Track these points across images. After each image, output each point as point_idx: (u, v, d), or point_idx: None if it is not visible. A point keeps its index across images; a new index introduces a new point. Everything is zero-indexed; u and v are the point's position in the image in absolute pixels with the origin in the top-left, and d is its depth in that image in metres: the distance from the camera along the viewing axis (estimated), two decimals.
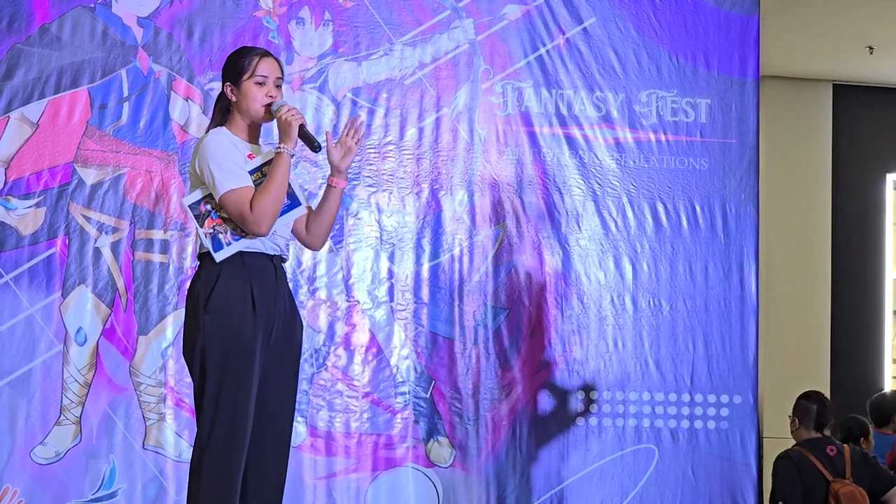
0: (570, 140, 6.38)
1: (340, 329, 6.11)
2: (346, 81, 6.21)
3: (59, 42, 5.97)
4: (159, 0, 6.07)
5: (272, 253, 4.19)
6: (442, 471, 6.13)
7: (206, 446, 4.05)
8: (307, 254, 6.06)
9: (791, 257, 9.49)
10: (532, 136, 6.35)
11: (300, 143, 4.17)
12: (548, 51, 6.39)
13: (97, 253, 5.92)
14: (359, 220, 6.17)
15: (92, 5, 6.00)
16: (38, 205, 5.91)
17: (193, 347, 4.09)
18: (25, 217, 5.89)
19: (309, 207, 4.38)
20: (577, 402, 6.28)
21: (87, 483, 5.83)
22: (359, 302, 6.13)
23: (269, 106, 4.18)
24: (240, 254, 4.11)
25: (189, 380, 5.84)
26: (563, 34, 6.40)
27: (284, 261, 4.27)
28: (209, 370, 4.06)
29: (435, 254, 6.22)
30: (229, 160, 4.10)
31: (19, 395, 5.82)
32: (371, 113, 6.22)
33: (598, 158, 6.39)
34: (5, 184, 5.88)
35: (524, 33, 6.37)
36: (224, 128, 4.21)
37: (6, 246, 5.86)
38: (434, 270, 6.21)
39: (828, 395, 9.21)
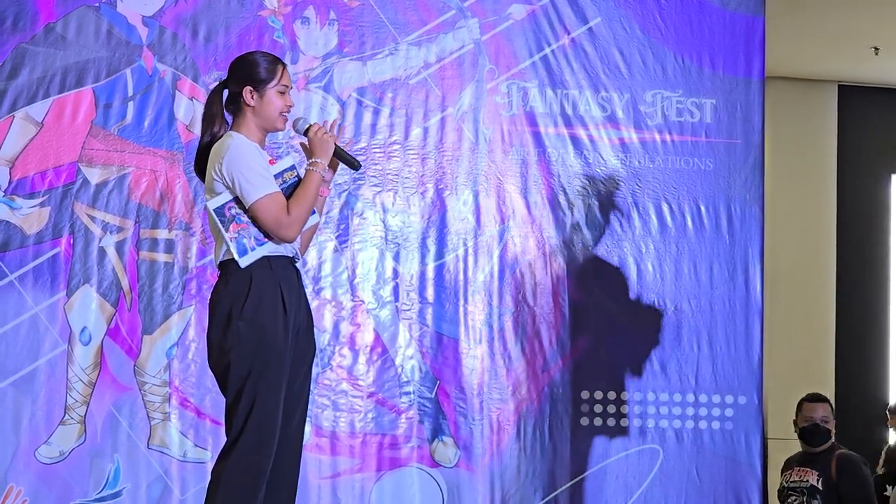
0: (575, 140, 6.38)
1: (345, 329, 6.11)
2: (351, 81, 6.20)
3: (64, 41, 5.96)
4: None
5: (291, 255, 4.21)
6: (447, 471, 6.13)
7: (234, 451, 4.03)
8: (312, 253, 6.06)
9: (796, 258, 9.49)
10: (537, 136, 6.35)
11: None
12: (553, 51, 6.38)
13: (102, 252, 5.92)
14: (364, 220, 6.16)
15: (97, 4, 6.00)
16: (42, 204, 5.90)
17: (227, 355, 4.07)
18: (30, 216, 5.89)
19: None
20: (581, 403, 6.27)
21: (91, 483, 5.83)
22: (364, 302, 6.13)
23: (283, 115, 4.21)
24: (266, 258, 4.12)
25: (194, 379, 5.88)
26: (569, 34, 6.40)
27: (297, 262, 4.28)
28: (248, 376, 4.04)
29: (440, 254, 6.22)
30: (260, 166, 4.12)
31: (24, 395, 5.82)
32: (376, 112, 6.22)
33: (602, 158, 6.39)
34: (10, 183, 5.88)
35: (529, 33, 6.37)
36: (239, 133, 4.20)
37: (11, 245, 5.86)
38: (439, 270, 6.21)
39: (832, 394, 9.24)
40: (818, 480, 6.33)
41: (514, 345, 6.23)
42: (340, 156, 4.27)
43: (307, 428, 5.92)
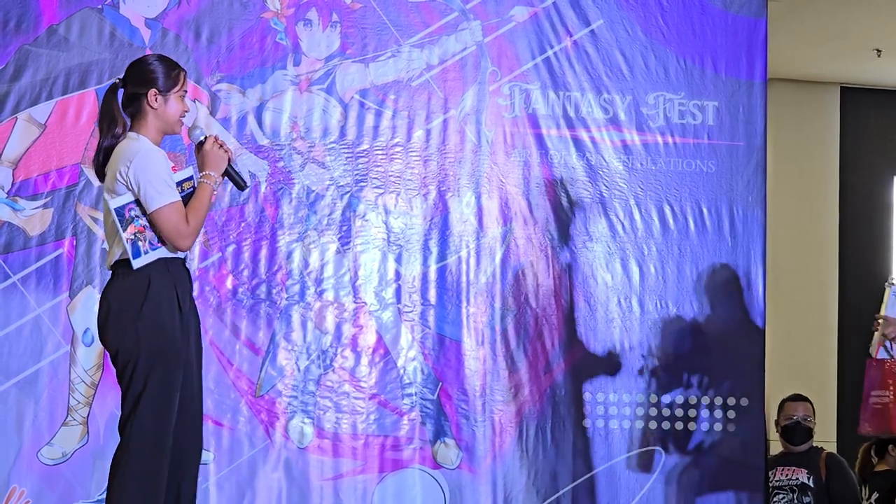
0: (578, 142, 6.38)
1: (347, 330, 6.11)
2: (353, 83, 6.21)
3: (67, 43, 5.97)
4: (167, 1, 6.07)
5: (182, 256, 4.30)
6: (448, 472, 6.13)
7: (130, 456, 4.11)
8: (314, 255, 6.07)
9: (798, 260, 9.49)
10: (539, 138, 6.35)
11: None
12: (555, 53, 6.39)
13: (104, 254, 5.92)
14: (366, 222, 6.17)
15: (100, 6, 6.01)
16: (45, 206, 5.91)
17: (126, 355, 4.16)
18: (33, 218, 5.89)
19: None
20: (583, 404, 6.27)
21: (93, 484, 5.83)
22: (366, 303, 6.13)
23: (180, 119, 4.32)
24: (163, 260, 4.20)
25: None
26: (571, 36, 6.40)
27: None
28: (144, 377, 4.13)
29: (442, 255, 6.22)
30: (166, 173, 4.20)
31: (26, 396, 5.83)
32: (378, 114, 6.22)
33: (605, 160, 6.39)
34: (13, 184, 5.89)
35: (532, 35, 6.37)
36: (142, 136, 4.26)
37: (14, 247, 5.87)
38: (441, 272, 6.21)
39: (835, 395, 9.24)
40: (809, 478, 6.38)
41: (517, 346, 6.24)
42: (229, 174, 4.36)
43: (309, 430, 5.96)
